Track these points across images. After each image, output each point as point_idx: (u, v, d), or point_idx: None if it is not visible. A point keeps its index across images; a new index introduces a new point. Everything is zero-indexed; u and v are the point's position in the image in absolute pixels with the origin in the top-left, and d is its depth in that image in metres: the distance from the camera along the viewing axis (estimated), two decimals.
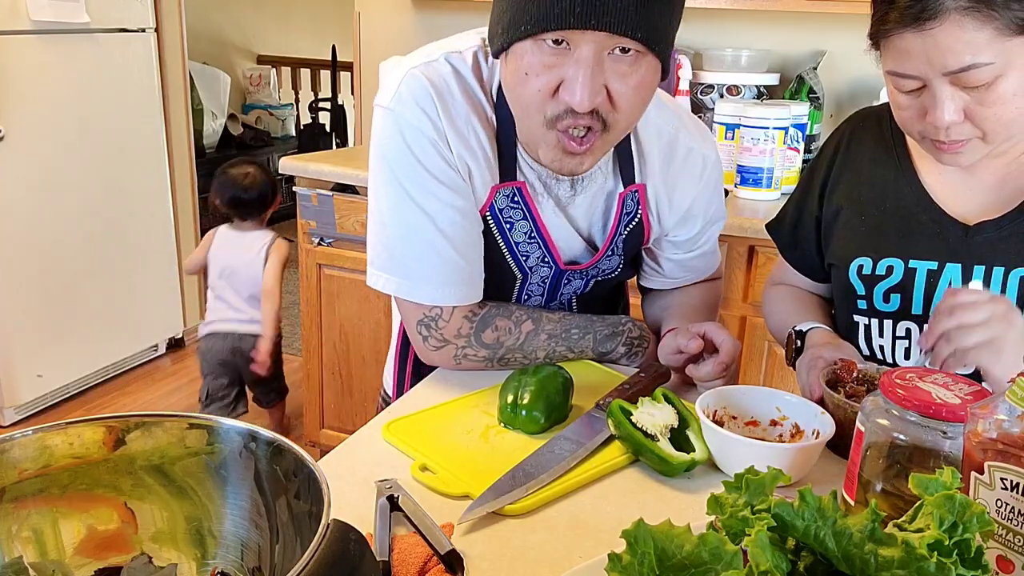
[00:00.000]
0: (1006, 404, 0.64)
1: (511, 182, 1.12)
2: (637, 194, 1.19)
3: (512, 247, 1.16)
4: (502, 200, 1.13)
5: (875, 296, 1.11)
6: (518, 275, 1.20)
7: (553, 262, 1.19)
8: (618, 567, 0.56)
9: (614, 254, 1.22)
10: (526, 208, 1.14)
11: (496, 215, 1.13)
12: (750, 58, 2.46)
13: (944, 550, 0.52)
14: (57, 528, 0.69)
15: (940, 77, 0.93)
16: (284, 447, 0.67)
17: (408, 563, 0.76)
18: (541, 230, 1.16)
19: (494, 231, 1.15)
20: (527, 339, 1.15)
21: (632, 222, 1.21)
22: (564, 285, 1.24)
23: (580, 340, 1.18)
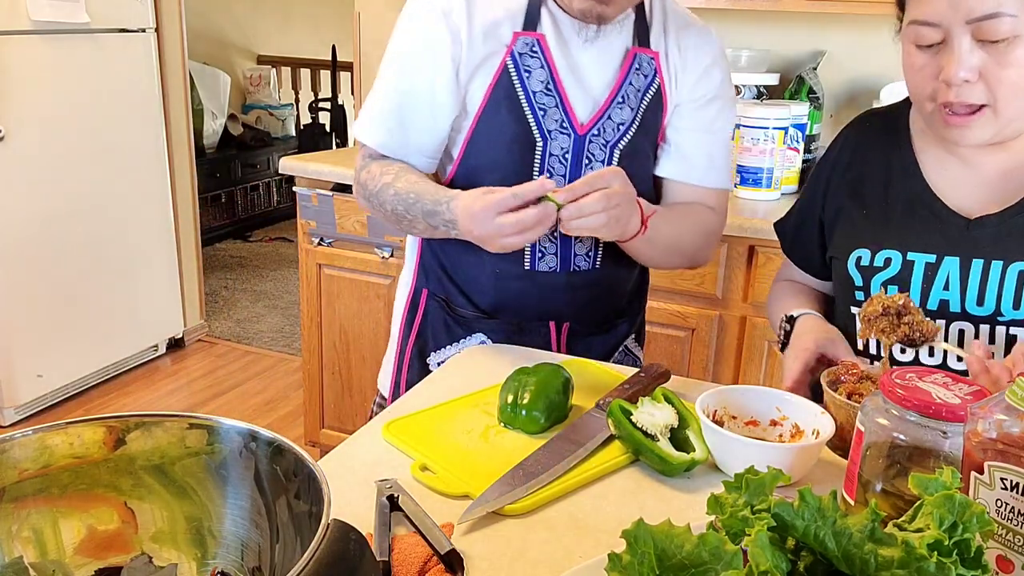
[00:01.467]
0: (1006, 404, 0.64)
1: (531, 32, 1.23)
2: (653, 61, 1.28)
3: (529, 96, 1.23)
4: (522, 46, 1.23)
5: (873, 288, 1.11)
6: (537, 138, 1.24)
7: (570, 125, 1.25)
8: (618, 567, 0.56)
9: (624, 103, 1.27)
10: (543, 58, 1.23)
11: (516, 60, 1.22)
12: (750, 58, 2.46)
13: (944, 550, 0.52)
14: (57, 528, 0.69)
15: (962, 26, 0.94)
16: (284, 447, 0.67)
17: (408, 563, 0.76)
18: (556, 81, 1.24)
19: (513, 77, 1.23)
20: (382, 189, 1.25)
21: (651, 87, 1.28)
22: (585, 168, 1.26)
23: (413, 205, 1.22)
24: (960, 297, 1.05)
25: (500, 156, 1.26)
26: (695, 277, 2.14)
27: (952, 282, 1.05)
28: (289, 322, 4.07)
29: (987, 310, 1.03)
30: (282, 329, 4.00)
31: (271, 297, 4.41)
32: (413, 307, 1.40)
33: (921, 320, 1.00)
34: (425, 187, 1.22)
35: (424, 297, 1.39)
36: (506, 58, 1.23)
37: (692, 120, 1.33)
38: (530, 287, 1.31)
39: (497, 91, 1.24)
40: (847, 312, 1.17)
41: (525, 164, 1.25)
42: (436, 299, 1.38)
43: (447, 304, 1.37)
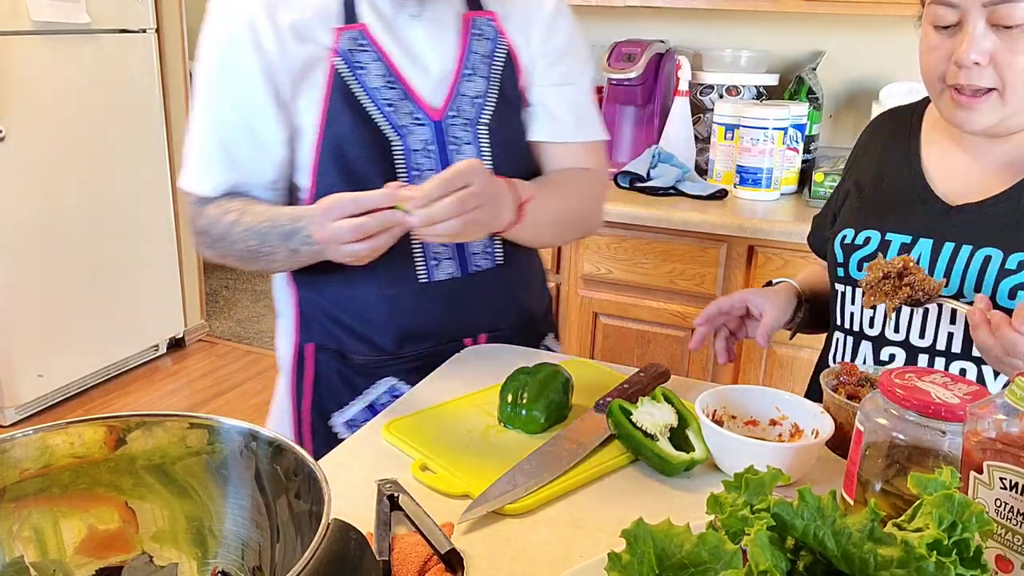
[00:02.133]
0: (1005, 404, 0.64)
1: (353, 25, 1.13)
2: (492, 21, 1.20)
3: (372, 94, 1.13)
4: (347, 41, 1.12)
5: (850, 264, 1.14)
6: (392, 137, 1.14)
7: (424, 114, 1.15)
8: (618, 566, 0.56)
9: (475, 75, 1.18)
10: (374, 49, 1.13)
11: (346, 58, 1.12)
12: (749, 58, 2.46)
13: (943, 549, 0.53)
14: (58, 528, 0.69)
15: (978, 9, 0.96)
16: (284, 447, 0.67)
17: (408, 563, 0.76)
18: (395, 70, 1.14)
19: (349, 80, 1.12)
20: (229, 230, 1.14)
21: (497, 49, 1.20)
22: (455, 155, 1.18)
23: (267, 234, 1.12)
24: None
25: (357, 167, 1.14)
26: (695, 277, 2.15)
27: (923, 262, 1.08)
28: None
29: (950, 292, 1.06)
30: None
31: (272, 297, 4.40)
32: (300, 366, 1.27)
33: (924, 278, 1.01)
34: (278, 211, 1.13)
35: (311, 352, 1.25)
36: (332, 60, 1.12)
37: (550, 75, 1.25)
38: (431, 303, 1.20)
39: (334, 99, 1.13)
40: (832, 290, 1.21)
41: (387, 168, 1.15)
42: (325, 352, 1.25)
43: (339, 355, 1.24)
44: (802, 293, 1.25)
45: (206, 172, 1.18)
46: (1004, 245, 1.02)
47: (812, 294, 1.26)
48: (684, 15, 2.59)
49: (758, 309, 1.19)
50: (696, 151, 2.46)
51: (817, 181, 2.16)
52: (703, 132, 2.49)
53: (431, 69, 1.17)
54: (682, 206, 2.17)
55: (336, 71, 1.12)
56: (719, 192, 2.24)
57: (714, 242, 2.11)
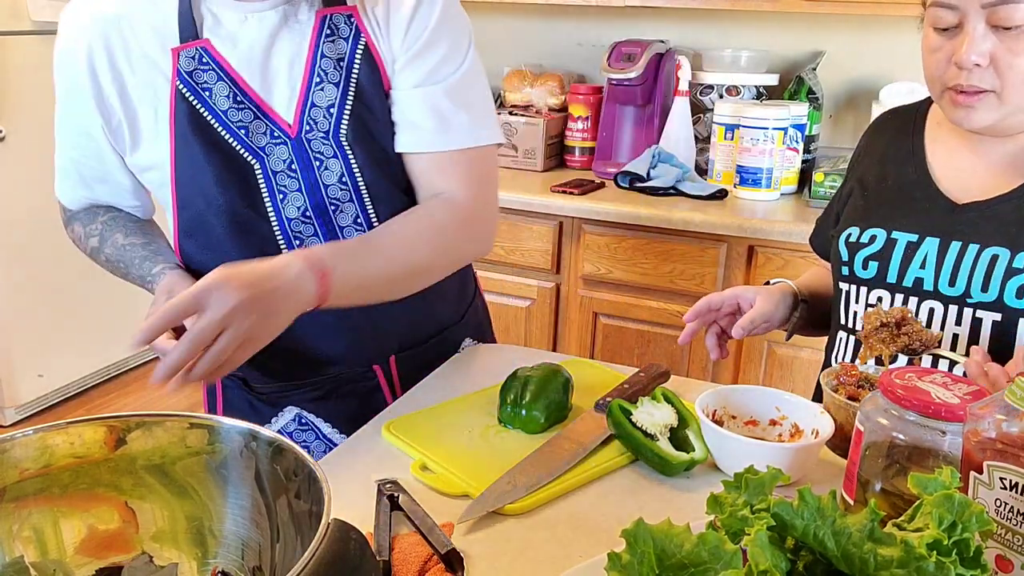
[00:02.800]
0: (1005, 404, 0.64)
1: (192, 42, 1.04)
2: (352, 18, 1.07)
3: (221, 118, 1.04)
4: (187, 63, 1.04)
5: (855, 263, 1.14)
6: (250, 160, 1.06)
7: (281, 131, 1.06)
8: (618, 566, 0.56)
9: (324, 81, 1.06)
10: (217, 67, 1.04)
11: (188, 82, 1.03)
12: (749, 58, 2.46)
13: (943, 549, 0.53)
14: (58, 528, 0.69)
15: (978, 10, 0.96)
16: (284, 447, 0.67)
17: (408, 563, 0.76)
18: (244, 88, 1.05)
19: (192, 102, 1.04)
20: (92, 253, 1.19)
21: (356, 52, 1.07)
22: (321, 172, 1.08)
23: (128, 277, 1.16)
24: (934, 276, 1.08)
25: (216, 195, 1.06)
26: (695, 277, 2.15)
27: (929, 261, 1.08)
28: None
29: (957, 291, 1.06)
30: None
31: None
32: (212, 394, 1.23)
33: (920, 329, 1.02)
34: (130, 254, 1.13)
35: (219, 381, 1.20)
36: (174, 83, 1.03)
37: (410, 75, 1.09)
38: (326, 328, 1.10)
39: (180, 127, 1.04)
40: (836, 288, 1.21)
41: (250, 194, 1.06)
42: (231, 379, 1.19)
43: (243, 382, 1.19)
44: (799, 293, 1.25)
45: (65, 186, 1.19)
46: (1011, 244, 1.02)
47: (811, 295, 1.26)
48: (684, 15, 2.59)
49: (748, 303, 1.19)
50: (696, 151, 2.46)
51: (817, 181, 2.16)
52: (703, 132, 2.49)
53: (281, 81, 1.06)
54: (682, 206, 2.17)
55: (179, 94, 1.04)
56: (719, 192, 2.24)
57: (714, 242, 2.11)
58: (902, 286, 1.10)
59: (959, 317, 1.06)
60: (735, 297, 1.20)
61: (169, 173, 1.08)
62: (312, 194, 1.08)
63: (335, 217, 1.10)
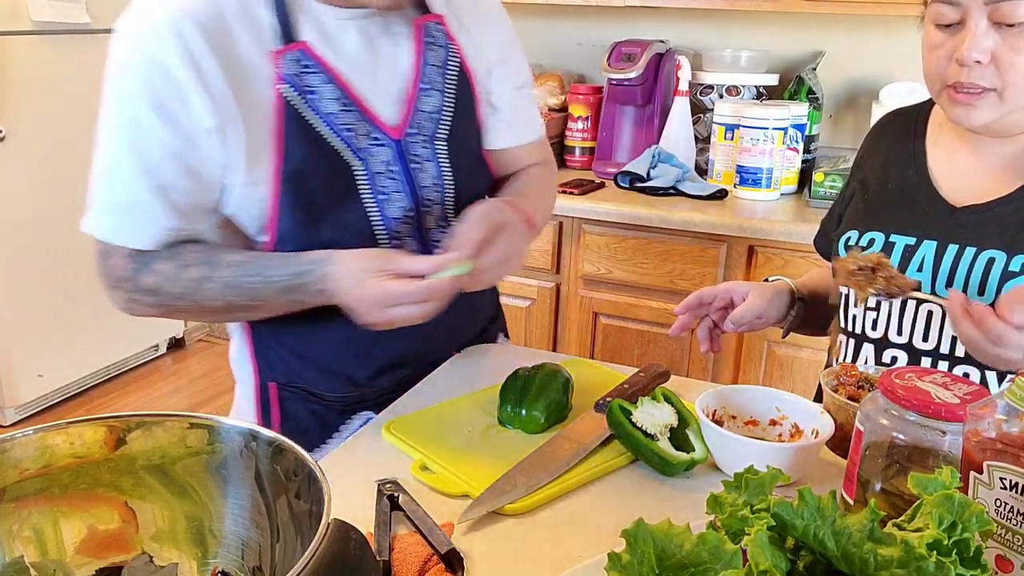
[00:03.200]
0: (1005, 404, 0.64)
1: (291, 45, 1.02)
2: (441, 26, 1.13)
3: (329, 120, 1.04)
4: (290, 66, 1.01)
5: None
6: (353, 162, 1.06)
7: (383, 134, 1.08)
8: (618, 567, 0.56)
9: (431, 87, 1.11)
10: (321, 69, 1.04)
11: (296, 85, 1.02)
12: (749, 58, 2.46)
13: (943, 549, 0.53)
14: (58, 528, 0.69)
15: (980, 7, 0.96)
16: (284, 446, 0.67)
17: (408, 562, 0.76)
18: (347, 90, 1.05)
19: (302, 110, 1.02)
20: (198, 288, 1.03)
21: (450, 57, 1.13)
22: (418, 174, 1.11)
23: (261, 289, 1.02)
24: (931, 279, 1.08)
25: (322, 202, 1.05)
26: (695, 277, 2.14)
27: (926, 264, 1.08)
28: None
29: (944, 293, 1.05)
30: None
31: None
32: (265, 407, 1.19)
33: (896, 274, 1.01)
34: (259, 263, 1.03)
35: (274, 392, 1.18)
36: (278, 87, 1.01)
37: (504, 82, 1.22)
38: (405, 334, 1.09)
39: (287, 132, 1.02)
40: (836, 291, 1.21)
41: (352, 197, 1.07)
42: (291, 390, 1.17)
43: (308, 393, 1.17)
44: (797, 292, 1.25)
45: (144, 223, 1.03)
46: (1008, 247, 1.02)
47: (810, 294, 1.26)
48: (684, 15, 2.59)
49: (740, 297, 1.19)
50: (696, 151, 2.46)
51: (817, 181, 2.16)
52: (703, 132, 2.49)
53: (386, 85, 1.09)
54: (682, 206, 2.17)
55: (284, 99, 1.01)
56: (719, 192, 2.24)
57: (714, 242, 2.11)
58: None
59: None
60: (727, 291, 1.20)
61: (271, 181, 1.03)
62: (411, 196, 1.12)
63: (423, 219, 1.14)
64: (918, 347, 1.09)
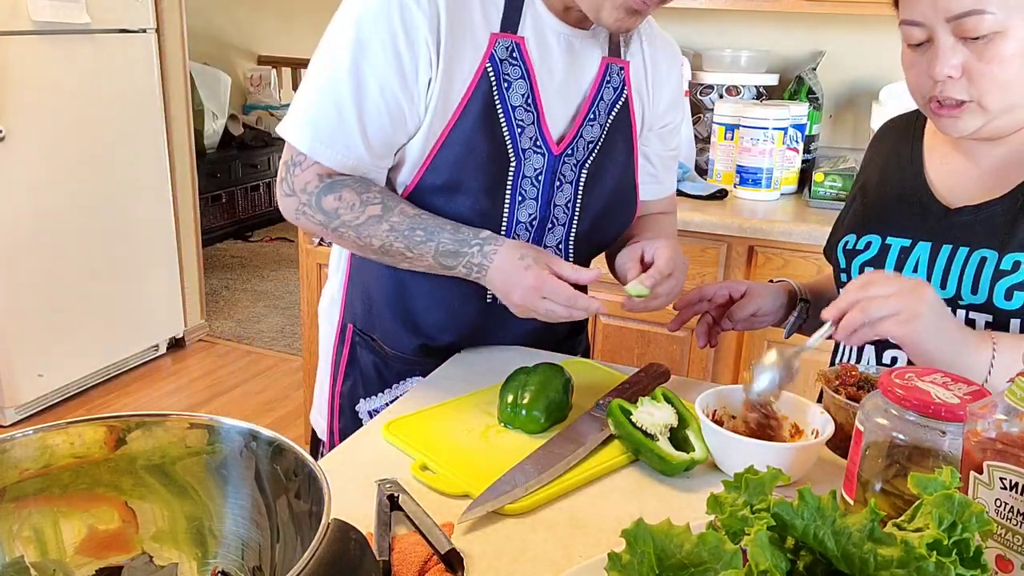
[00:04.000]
0: (1005, 404, 0.64)
1: (511, 34, 1.09)
2: (623, 71, 1.20)
3: (508, 112, 1.10)
4: (502, 51, 1.09)
5: (852, 269, 1.15)
6: (511, 157, 1.12)
7: (544, 144, 1.14)
8: (618, 567, 0.56)
9: (595, 120, 1.18)
10: (524, 67, 1.10)
11: (496, 67, 1.08)
12: (749, 58, 2.46)
13: (943, 549, 0.53)
14: (58, 528, 0.69)
15: (943, 24, 0.97)
16: (284, 447, 0.67)
17: (408, 563, 0.76)
18: (536, 95, 1.12)
19: (493, 89, 1.09)
20: (367, 222, 1.08)
21: (619, 100, 1.20)
22: (557, 192, 1.18)
23: (421, 244, 1.07)
24: (926, 279, 1.08)
25: (469, 177, 1.11)
26: (695, 277, 2.14)
27: (921, 265, 1.09)
28: (289, 322, 4.07)
29: (948, 293, 1.06)
30: (282, 329, 4.01)
31: (272, 297, 4.41)
32: (340, 345, 1.28)
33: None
34: (433, 222, 1.08)
35: (350, 334, 1.26)
36: (484, 63, 1.08)
37: (664, 145, 1.32)
38: (487, 319, 1.22)
39: (473, 103, 1.08)
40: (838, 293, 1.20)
41: (497, 185, 1.13)
42: (363, 337, 1.26)
43: (378, 344, 1.25)
44: (799, 293, 1.25)
45: (340, 145, 1.08)
46: (999, 246, 1.03)
47: (816, 296, 1.26)
48: (684, 15, 2.59)
49: (739, 295, 1.21)
50: (696, 151, 2.46)
51: (817, 181, 2.16)
52: (703, 132, 2.49)
53: (563, 102, 1.16)
54: (682, 206, 2.17)
55: (485, 74, 1.08)
56: (719, 192, 2.24)
57: (714, 242, 2.11)
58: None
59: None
60: (726, 288, 1.22)
61: (435, 143, 1.09)
62: (543, 207, 1.18)
63: (546, 234, 1.20)
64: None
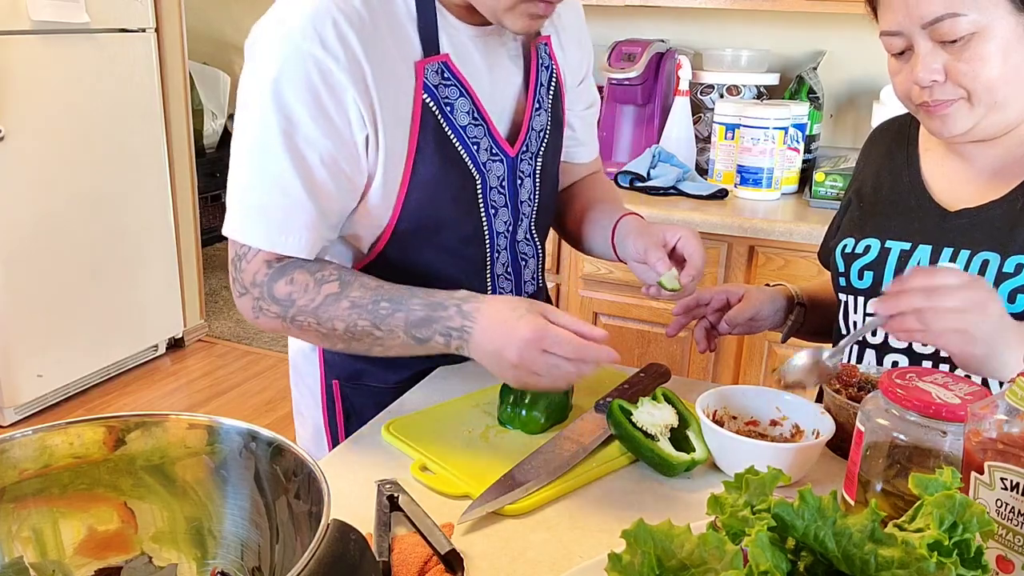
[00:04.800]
0: (1006, 404, 0.64)
1: (435, 56, 1.02)
2: (547, 46, 1.17)
3: (460, 133, 1.05)
4: (432, 76, 1.02)
5: (852, 273, 1.15)
6: (475, 175, 1.08)
7: (501, 150, 1.10)
8: (618, 567, 0.56)
9: (541, 107, 1.15)
10: (458, 83, 1.05)
11: (434, 95, 1.02)
12: (750, 58, 2.46)
13: (944, 550, 0.52)
14: (57, 528, 0.69)
15: (919, 31, 0.97)
16: (284, 447, 0.67)
17: (408, 563, 0.76)
18: (479, 106, 1.07)
19: (439, 117, 1.03)
20: (324, 303, 0.98)
21: (552, 78, 1.18)
22: (520, 189, 1.15)
23: (389, 317, 0.96)
24: None
25: (443, 211, 1.07)
26: None
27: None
28: None
29: None
30: None
31: None
32: (331, 404, 1.21)
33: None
34: (398, 291, 0.98)
35: (338, 390, 1.20)
36: (420, 95, 1.01)
37: (581, 100, 1.28)
38: None
39: (424, 140, 1.02)
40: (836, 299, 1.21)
41: (470, 209, 1.10)
42: (353, 386, 1.20)
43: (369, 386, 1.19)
44: (796, 296, 1.25)
45: (296, 227, 0.99)
46: (1001, 249, 1.02)
47: (813, 300, 1.26)
48: (684, 15, 2.59)
49: (736, 299, 1.21)
50: (696, 151, 2.45)
51: (818, 181, 2.16)
52: (703, 132, 2.49)
53: (502, 101, 1.12)
54: (682, 206, 2.17)
55: (424, 106, 1.02)
56: (719, 192, 2.24)
57: (714, 242, 2.11)
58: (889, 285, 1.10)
59: None
60: (724, 292, 1.23)
61: (397, 194, 1.04)
62: (513, 209, 1.16)
63: (516, 231, 1.19)
64: (919, 351, 1.09)
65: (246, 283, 1.02)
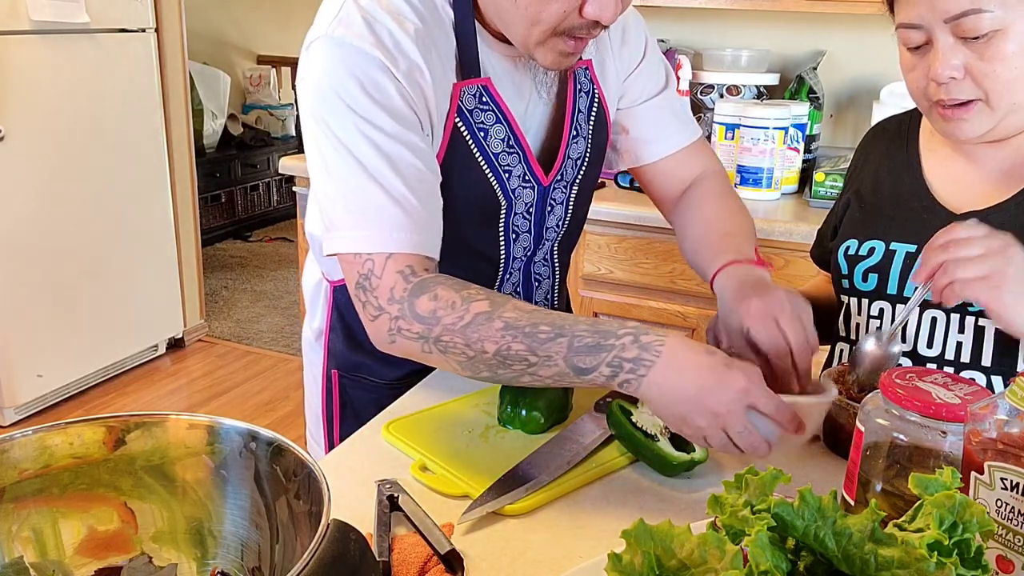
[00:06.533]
0: (1006, 404, 0.64)
1: (474, 79, 1.00)
2: (588, 71, 1.12)
3: (492, 160, 1.03)
4: (469, 100, 1.00)
5: (855, 275, 1.14)
6: (502, 201, 1.06)
7: (534, 177, 1.08)
8: (618, 567, 0.56)
9: (579, 135, 1.12)
10: (496, 108, 1.02)
11: (467, 120, 1.00)
12: (750, 58, 2.46)
13: (944, 550, 0.52)
14: (57, 528, 0.69)
15: (942, 26, 0.95)
16: (284, 447, 0.67)
17: (408, 563, 0.76)
18: (518, 134, 1.04)
19: (469, 143, 1.01)
20: (474, 321, 0.88)
21: (593, 104, 1.13)
22: (548, 216, 1.13)
23: (549, 342, 0.86)
24: None
25: (461, 232, 1.04)
26: (696, 277, 2.14)
27: None
28: (289, 322, 4.07)
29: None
30: (282, 329, 4.01)
31: (271, 297, 4.41)
32: (328, 390, 1.23)
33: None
34: (560, 316, 0.88)
35: (336, 379, 1.22)
36: (453, 117, 0.99)
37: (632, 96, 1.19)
38: None
39: (449, 163, 1.00)
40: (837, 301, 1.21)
41: (490, 232, 1.08)
42: (351, 378, 1.21)
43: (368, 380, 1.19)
44: None
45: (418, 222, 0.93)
46: None
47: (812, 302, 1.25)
48: (684, 15, 2.59)
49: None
50: None
51: (818, 181, 2.16)
52: (703, 132, 2.49)
53: (539, 129, 1.09)
54: None
55: (455, 128, 0.99)
56: None
57: None
58: (903, 297, 1.09)
59: (961, 325, 1.05)
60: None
61: None
62: (536, 237, 1.14)
63: (536, 254, 1.17)
64: (923, 354, 1.08)
65: (382, 302, 0.92)
